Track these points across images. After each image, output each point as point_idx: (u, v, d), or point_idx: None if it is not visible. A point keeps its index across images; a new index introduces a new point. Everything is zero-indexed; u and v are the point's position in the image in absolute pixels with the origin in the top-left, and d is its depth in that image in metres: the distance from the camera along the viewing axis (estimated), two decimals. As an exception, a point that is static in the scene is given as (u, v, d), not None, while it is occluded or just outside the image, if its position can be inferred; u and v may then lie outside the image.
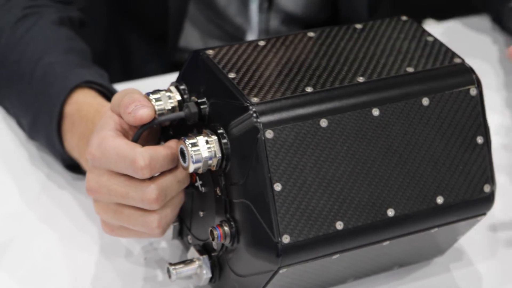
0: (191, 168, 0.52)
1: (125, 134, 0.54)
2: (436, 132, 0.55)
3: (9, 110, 0.75)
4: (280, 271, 0.52)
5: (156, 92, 0.55)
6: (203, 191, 0.55)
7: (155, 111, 0.54)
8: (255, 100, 0.51)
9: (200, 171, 0.52)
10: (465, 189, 0.56)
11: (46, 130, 0.67)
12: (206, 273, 0.56)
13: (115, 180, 0.53)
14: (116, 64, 0.99)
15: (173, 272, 0.56)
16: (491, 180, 0.57)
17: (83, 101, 0.66)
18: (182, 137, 0.52)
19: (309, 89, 0.53)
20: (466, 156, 0.56)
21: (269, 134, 0.50)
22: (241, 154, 0.51)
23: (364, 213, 0.52)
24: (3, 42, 0.76)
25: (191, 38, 0.97)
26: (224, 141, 0.51)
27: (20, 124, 0.73)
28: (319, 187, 0.51)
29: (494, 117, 0.69)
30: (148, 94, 0.55)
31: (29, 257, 0.62)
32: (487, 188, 0.57)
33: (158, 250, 0.64)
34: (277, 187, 0.50)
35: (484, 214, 0.58)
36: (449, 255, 0.63)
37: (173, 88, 0.56)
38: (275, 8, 0.95)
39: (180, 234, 0.61)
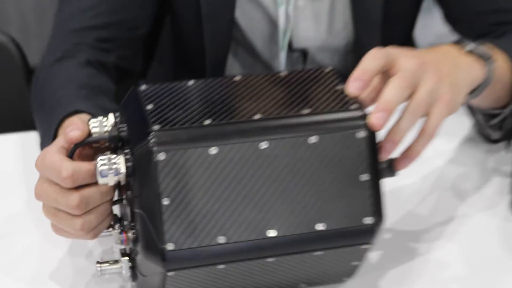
0: (100, 181, 0.63)
1: (67, 151, 0.67)
2: (322, 167, 0.63)
3: None
4: (169, 274, 0.62)
5: (95, 118, 0.68)
6: (124, 203, 0.67)
7: (89, 134, 0.67)
8: (156, 127, 0.61)
9: (109, 184, 0.64)
10: (345, 219, 0.63)
11: None
12: (125, 273, 0.67)
13: (51, 187, 0.66)
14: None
15: (98, 269, 0.67)
16: (373, 213, 0.64)
17: None
18: (97, 155, 0.64)
19: (207, 122, 0.63)
20: (348, 190, 0.63)
21: (162, 156, 0.60)
22: (140, 171, 0.61)
23: (246, 231, 0.61)
24: (41, 78, 0.94)
25: None
26: (129, 160, 0.62)
27: None
28: (205, 205, 0.61)
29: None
30: (89, 119, 0.68)
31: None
32: (367, 220, 0.64)
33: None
34: (166, 201, 0.60)
35: (368, 243, 0.65)
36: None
37: (110, 116, 0.68)
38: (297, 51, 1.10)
39: None
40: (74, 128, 0.66)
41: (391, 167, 0.69)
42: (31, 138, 0.94)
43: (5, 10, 2.34)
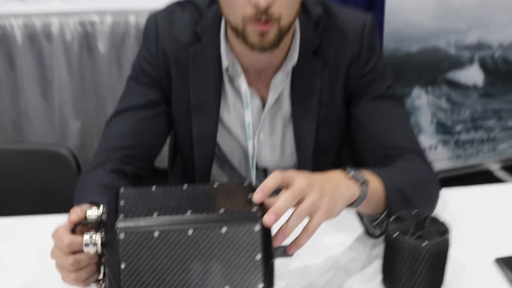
0: (85, 250, 0.93)
1: (71, 227, 0.98)
2: (230, 248, 0.90)
3: None
4: None
5: (90, 207, 0.96)
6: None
7: (84, 217, 0.96)
8: (121, 217, 0.90)
9: (91, 252, 0.94)
10: (245, 284, 0.90)
11: None
12: None
13: (58, 251, 0.98)
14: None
15: None
16: (264, 282, 0.90)
17: None
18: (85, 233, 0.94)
19: (155, 214, 0.90)
20: (247, 265, 0.89)
21: (122, 236, 0.88)
22: (110, 245, 0.90)
23: None
24: (81, 179, 1.31)
25: None
26: (103, 237, 0.92)
27: None
28: (150, 268, 0.89)
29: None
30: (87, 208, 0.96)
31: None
32: (260, 286, 0.90)
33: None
34: (122, 265, 0.88)
35: None
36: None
37: (100, 207, 0.96)
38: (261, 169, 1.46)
39: None
40: (73, 213, 0.98)
41: (285, 251, 1.00)
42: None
43: (70, 130, 2.88)
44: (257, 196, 0.94)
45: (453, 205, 1.39)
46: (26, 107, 2.85)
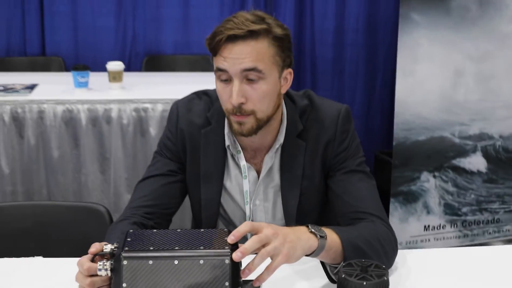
0: (99, 273, 1.21)
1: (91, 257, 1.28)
2: (206, 276, 1.16)
3: None
4: None
5: (107, 244, 1.24)
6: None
7: (102, 249, 1.25)
8: (126, 249, 1.18)
9: (103, 276, 1.21)
10: None
11: None
12: None
13: (80, 275, 1.29)
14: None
15: None
16: None
17: None
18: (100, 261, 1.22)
19: (151, 249, 1.18)
20: (216, 286, 1.16)
21: (125, 262, 1.16)
22: (116, 270, 1.18)
23: None
24: (109, 228, 1.64)
25: None
26: (112, 264, 1.19)
27: None
28: (149, 286, 1.15)
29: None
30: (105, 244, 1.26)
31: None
32: None
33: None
34: (124, 284, 1.15)
35: None
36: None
37: (115, 243, 1.23)
38: None
39: None
40: (93, 246, 1.29)
41: (253, 284, 1.26)
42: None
43: (122, 202, 3.30)
44: (230, 239, 1.24)
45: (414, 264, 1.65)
46: (86, 180, 3.28)
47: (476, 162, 3.20)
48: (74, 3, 4.05)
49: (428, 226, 3.22)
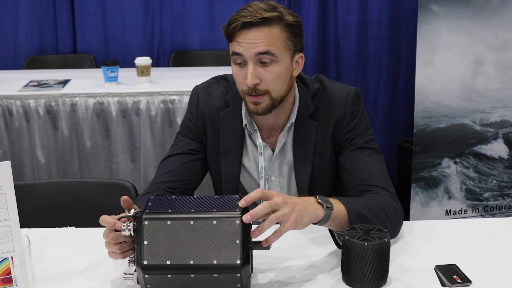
0: (123, 233, 1.32)
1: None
2: (219, 234, 1.26)
3: None
4: (146, 276, 1.26)
5: (130, 210, 1.35)
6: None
7: (129, 210, 1.35)
8: (147, 211, 1.29)
9: (126, 234, 1.32)
10: (227, 259, 1.25)
11: None
12: (134, 278, 1.33)
13: (106, 230, 1.38)
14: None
15: (123, 276, 1.37)
16: (240, 259, 1.25)
17: None
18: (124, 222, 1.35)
19: (169, 211, 1.29)
20: (230, 246, 1.25)
21: (146, 222, 1.28)
22: (138, 229, 1.29)
23: (181, 258, 1.28)
24: (137, 199, 1.77)
25: None
26: (135, 224, 1.31)
27: None
28: (164, 245, 1.26)
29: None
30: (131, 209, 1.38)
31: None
32: (237, 261, 1.25)
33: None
34: (145, 242, 1.26)
35: (239, 273, 1.26)
36: None
37: (137, 208, 1.37)
38: None
39: None
40: (125, 205, 1.39)
41: (261, 244, 1.37)
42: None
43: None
44: (241, 203, 1.35)
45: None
46: (118, 169, 3.42)
47: (497, 149, 3.25)
48: (103, 3, 4.19)
49: (450, 210, 3.27)
